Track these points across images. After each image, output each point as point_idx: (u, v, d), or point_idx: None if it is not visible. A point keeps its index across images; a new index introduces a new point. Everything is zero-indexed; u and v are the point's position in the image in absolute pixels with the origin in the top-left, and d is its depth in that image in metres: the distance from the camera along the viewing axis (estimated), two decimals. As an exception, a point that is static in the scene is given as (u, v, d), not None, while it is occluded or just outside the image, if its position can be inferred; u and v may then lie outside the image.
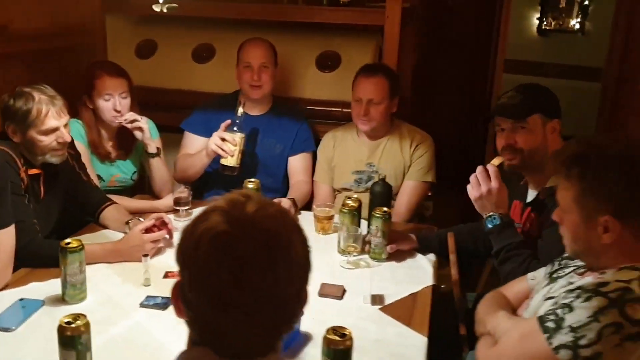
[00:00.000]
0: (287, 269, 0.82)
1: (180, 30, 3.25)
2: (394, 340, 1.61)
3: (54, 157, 2.06)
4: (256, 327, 0.83)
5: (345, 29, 3.04)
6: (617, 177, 1.22)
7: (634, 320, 1.12)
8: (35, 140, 1.99)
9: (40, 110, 1.97)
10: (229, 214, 0.84)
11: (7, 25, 2.47)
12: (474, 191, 1.85)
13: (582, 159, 1.26)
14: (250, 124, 2.71)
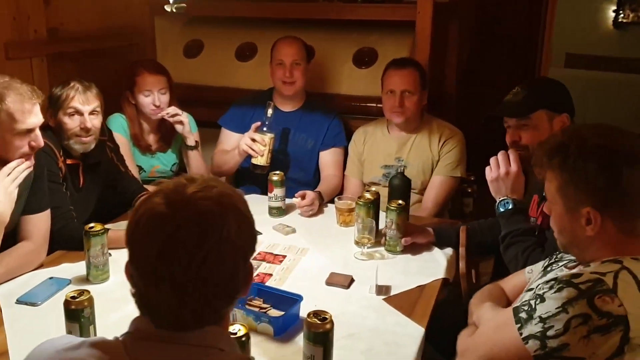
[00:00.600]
0: (218, 249, 0.87)
1: (225, 30, 3.39)
2: (391, 329, 1.63)
3: (77, 145, 2.21)
4: (186, 301, 0.88)
5: (382, 26, 3.06)
6: (595, 168, 1.19)
7: (602, 312, 1.09)
8: (62, 123, 2.17)
9: (69, 94, 2.17)
10: (169, 196, 0.90)
11: (59, 28, 2.67)
12: (492, 173, 1.85)
13: (563, 148, 1.24)
14: (283, 120, 2.79)
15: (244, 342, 1.30)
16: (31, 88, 1.79)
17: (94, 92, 2.23)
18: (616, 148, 1.20)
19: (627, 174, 1.18)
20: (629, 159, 1.19)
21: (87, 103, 2.20)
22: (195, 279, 0.86)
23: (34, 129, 1.80)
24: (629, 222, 1.21)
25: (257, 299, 1.70)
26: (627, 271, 1.15)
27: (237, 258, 0.90)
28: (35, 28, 2.52)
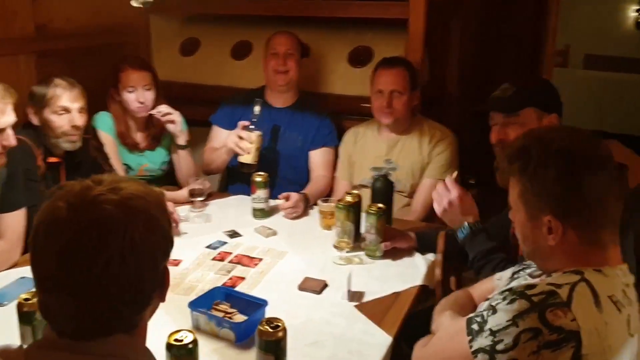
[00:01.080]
0: (121, 254, 0.83)
1: (221, 29, 3.36)
2: (358, 337, 1.58)
3: (66, 143, 2.20)
4: (87, 309, 0.84)
5: (379, 24, 3.00)
6: (555, 175, 1.13)
7: (553, 327, 1.02)
8: (50, 121, 2.16)
9: (56, 92, 2.16)
10: (71, 199, 0.86)
11: (47, 25, 2.66)
12: (438, 207, 1.84)
13: (524, 153, 1.17)
14: (274, 117, 2.75)
15: (192, 349, 1.25)
16: (4, 87, 1.77)
17: (80, 89, 2.22)
18: (578, 154, 1.13)
19: (589, 181, 1.11)
20: (592, 165, 1.12)
21: (76, 101, 2.19)
22: (97, 285, 0.82)
23: (5, 128, 1.79)
24: (593, 233, 1.14)
25: (224, 303, 1.66)
26: (585, 284, 1.08)
27: (144, 263, 0.86)
28: (22, 25, 2.51)
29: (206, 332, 1.58)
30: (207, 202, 2.54)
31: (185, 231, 2.25)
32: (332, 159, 2.75)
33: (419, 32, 2.62)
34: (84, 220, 0.83)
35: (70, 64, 2.80)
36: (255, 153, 2.48)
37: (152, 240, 0.87)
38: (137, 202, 0.87)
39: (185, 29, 3.45)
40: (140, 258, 0.85)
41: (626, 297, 1.11)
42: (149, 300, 0.89)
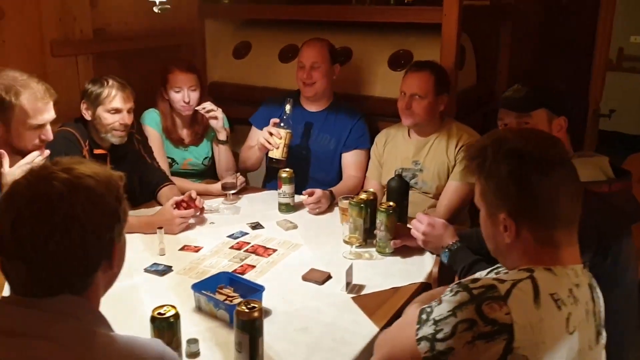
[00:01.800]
0: (64, 225, 0.95)
1: (271, 33, 3.51)
2: (345, 326, 1.64)
3: (114, 138, 2.39)
4: (35, 272, 0.96)
5: (420, 28, 3.04)
6: (506, 173, 1.15)
7: (488, 319, 1.05)
8: (102, 118, 2.36)
9: (110, 92, 2.35)
10: (31, 174, 1.00)
11: (105, 28, 2.90)
12: (418, 240, 1.97)
13: (482, 151, 1.20)
14: (307, 120, 2.86)
15: (172, 322, 1.37)
16: (45, 87, 1.95)
17: (130, 91, 2.42)
18: (529, 154, 1.15)
19: (539, 181, 1.13)
20: (541, 165, 1.14)
21: (127, 102, 2.39)
22: (43, 252, 0.94)
23: (45, 124, 1.96)
24: (545, 232, 1.16)
25: (228, 287, 1.78)
26: (530, 281, 1.10)
27: (86, 234, 0.97)
28: (81, 28, 2.75)
29: (206, 312, 1.70)
30: (240, 196, 2.68)
31: (212, 221, 2.40)
32: (363, 161, 2.82)
33: (452, 36, 2.64)
34: (34, 194, 0.96)
35: (125, 65, 3.04)
36: (284, 149, 2.59)
37: (94, 214, 0.98)
38: (84, 180, 0.99)
39: (238, 33, 3.62)
40: (82, 230, 0.96)
41: (571, 297, 1.12)
42: (95, 267, 1.01)
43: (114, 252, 1.04)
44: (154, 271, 1.97)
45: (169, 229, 2.24)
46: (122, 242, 1.08)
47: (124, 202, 1.06)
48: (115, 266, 1.06)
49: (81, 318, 0.98)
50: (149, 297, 1.79)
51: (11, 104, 1.85)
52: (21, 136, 1.92)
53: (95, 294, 1.04)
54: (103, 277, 1.04)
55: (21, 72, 1.90)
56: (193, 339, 1.52)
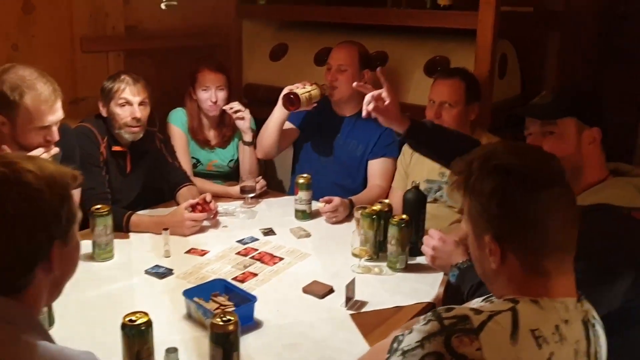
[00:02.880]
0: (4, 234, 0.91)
1: (308, 35, 3.45)
2: (336, 345, 1.55)
3: (127, 134, 2.38)
4: None
5: (458, 34, 2.90)
6: (490, 191, 1.03)
7: (457, 353, 0.93)
8: (114, 114, 2.35)
9: (120, 86, 2.34)
10: None
11: (137, 26, 2.91)
12: (427, 258, 1.82)
13: (468, 166, 1.08)
14: (337, 124, 2.77)
15: (143, 330, 1.31)
16: (52, 89, 1.93)
17: (142, 84, 2.39)
18: (517, 171, 1.02)
19: (524, 201, 1.01)
20: (528, 184, 1.01)
21: (137, 94, 2.36)
22: None
23: (50, 125, 1.96)
24: (533, 259, 1.03)
25: (222, 295, 1.71)
26: (510, 313, 0.98)
27: (17, 232, 0.92)
28: (113, 25, 2.76)
29: (195, 320, 1.64)
30: (260, 200, 2.62)
31: (226, 224, 2.35)
32: (390, 169, 2.70)
33: (487, 43, 2.49)
34: None
35: (157, 63, 3.04)
36: (307, 94, 2.53)
37: (27, 211, 0.93)
38: (22, 175, 0.93)
39: (276, 35, 3.58)
40: (11, 227, 0.91)
41: (556, 334, 0.98)
42: (28, 269, 0.95)
43: (52, 254, 0.97)
44: (154, 273, 1.92)
45: (179, 231, 2.21)
46: (70, 245, 1.02)
47: (70, 202, 1.00)
48: (57, 269, 0.99)
49: (11, 322, 0.92)
50: (142, 300, 1.75)
51: (16, 103, 1.86)
52: (26, 135, 1.92)
53: (34, 298, 0.98)
54: (44, 280, 0.98)
55: (32, 70, 1.90)
56: (172, 348, 1.46)
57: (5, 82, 1.86)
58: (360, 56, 2.67)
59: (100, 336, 1.52)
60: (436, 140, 2.00)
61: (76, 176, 1.03)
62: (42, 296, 1.01)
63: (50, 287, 1.02)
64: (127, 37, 2.85)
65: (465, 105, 2.35)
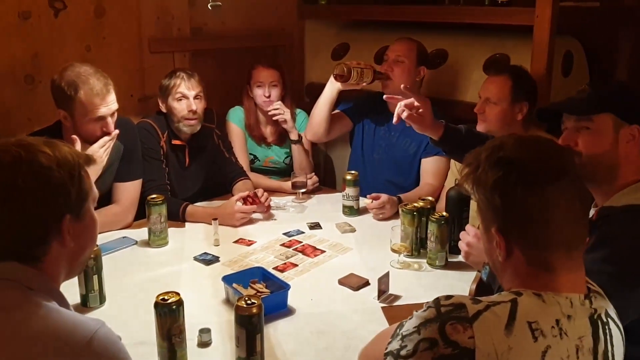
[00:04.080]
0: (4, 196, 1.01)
1: (370, 34, 3.48)
2: (364, 335, 1.55)
3: (185, 127, 2.51)
4: None
5: (519, 31, 2.84)
6: (492, 183, 1.03)
7: (449, 340, 0.94)
8: (172, 108, 2.49)
9: (176, 82, 2.48)
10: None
11: (202, 27, 3.05)
12: (462, 253, 1.81)
13: (476, 157, 1.08)
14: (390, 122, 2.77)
15: (174, 309, 1.40)
16: (104, 83, 2.08)
17: (196, 79, 2.52)
18: (522, 163, 1.02)
19: (526, 195, 1.00)
20: (530, 177, 1.00)
21: (192, 88, 2.50)
22: None
23: (104, 117, 2.11)
24: (538, 254, 1.02)
25: (260, 282, 1.78)
26: (509, 304, 0.98)
27: (25, 204, 1.01)
28: (179, 27, 2.92)
29: (232, 304, 1.71)
30: (311, 195, 2.68)
31: (275, 217, 2.43)
32: (443, 168, 2.69)
33: (544, 39, 2.42)
34: None
35: (221, 63, 3.18)
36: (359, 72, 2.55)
37: (35, 186, 1.02)
38: (35, 155, 1.03)
39: (338, 35, 3.63)
40: (22, 200, 1.01)
41: (557, 328, 0.97)
42: (41, 240, 1.04)
43: (63, 227, 1.05)
44: (201, 260, 2.03)
45: (229, 222, 2.31)
46: (84, 221, 1.10)
47: (82, 180, 1.08)
48: (71, 243, 1.07)
49: (32, 288, 1.02)
50: (187, 284, 1.85)
51: (71, 98, 2.03)
52: (84, 127, 2.09)
53: (53, 268, 1.07)
54: (61, 252, 1.07)
55: (88, 67, 2.07)
56: (206, 328, 1.55)
57: (64, 79, 2.03)
58: (418, 51, 2.69)
59: (143, 315, 1.62)
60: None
61: (90, 159, 1.13)
62: (61, 268, 1.09)
63: (69, 260, 1.10)
64: (192, 38, 2.99)
65: (511, 103, 2.30)
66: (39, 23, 2.45)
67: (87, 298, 1.70)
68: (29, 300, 1.00)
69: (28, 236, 1.04)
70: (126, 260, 2.04)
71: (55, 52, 2.49)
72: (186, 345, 1.45)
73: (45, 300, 1.01)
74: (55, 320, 0.98)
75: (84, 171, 1.10)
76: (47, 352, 0.94)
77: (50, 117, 2.17)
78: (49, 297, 1.03)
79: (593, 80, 1.62)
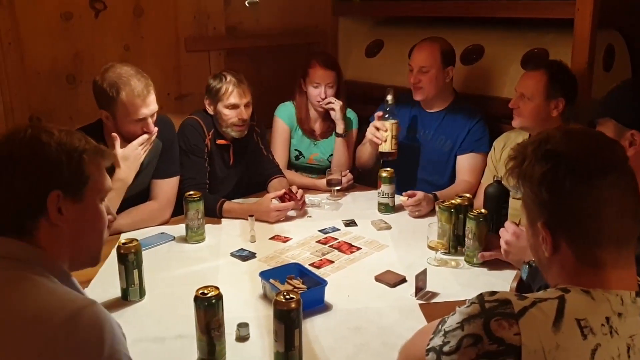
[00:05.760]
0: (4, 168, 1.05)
1: (404, 31, 3.45)
2: (401, 332, 1.54)
3: (234, 132, 2.52)
4: None
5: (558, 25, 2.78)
6: (539, 176, 1.00)
7: (494, 336, 0.93)
8: (221, 114, 2.49)
9: (228, 88, 2.47)
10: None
11: (237, 27, 3.07)
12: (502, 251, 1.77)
13: (522, 150, 1.06)
14: (424, 120, 2.77)
15: (214, 303, 1.41)
16: (145, 84, 2.11)
17: (246, 85, 2.51)
18: (570, 156, 0.99)
19: (574, 188, 0.97)
20: (580, 170, 0.97)
21: (244, 97, 2.49)
22: None
23: (145, 118, 2.14)
24: (587, 249, 0.99)
25: (297, 278, 1.79)
26: (557, 301, 0.96)
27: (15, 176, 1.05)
28: (214, 26, 2.95)
29: (269, 299, 1.72)
30: (346, 193, 2.68)
31: (311, 215, 2.43)
32: (479, 165, 2.65)
33: (585, 33, 2.37)
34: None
35: (256, 61, 3.20)
36: (392, 141, 2.53)
37: (28, 157, 1.06)
38: (39, 134, 1.08)
39: (372, 32, 3.62)
40: (13, 172, 1.05)
41: (607, 326, 0.94)
42: (30, 214, 1.06)
43: (49, 202, 1.06)
44: (238, 256, 2.04)
45: (265, 219, 2.32)
46: (81, 204, 1.11)
47: (81, 163, 1.10)
48: (64, 224, 1.08)
49: (21, 259, 1.04)
50: (224, 280, 1.87)
51: (113, 99, 2.06)
52: (125, 127, 2.13)
53: (51, 246, 1.08)
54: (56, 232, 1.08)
55: (129, 68, 2.09)
56: (244, 322, 1.56)
57: (105, 80, 2.06)
58: (442, 54, 2.64)
59: (182, 309, 1.63)
60: None
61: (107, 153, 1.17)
62: (61, 249, 1.10)
63: (70, 244, 1.11)
64: (227, 37, 3.02)
65: (546, 99, 2.26)
66: (80, 23, 2.51)
67: (127, 292, 1.73)
68: (18, 275, 1.01)
69: (16, 206, 1.06)
70: (164, 256, 2.07)
71: (96, 52, 2.55)
72: (225, 339, 1.46)
73: (40, 274, 1.03)
74: (39, 295, 0.98)
75: (89, 157, 1.12)
76: (26, 326, 0.93)
77: (92, 116, 2.22)
78: (47, 273, 1.04)
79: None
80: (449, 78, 2.66)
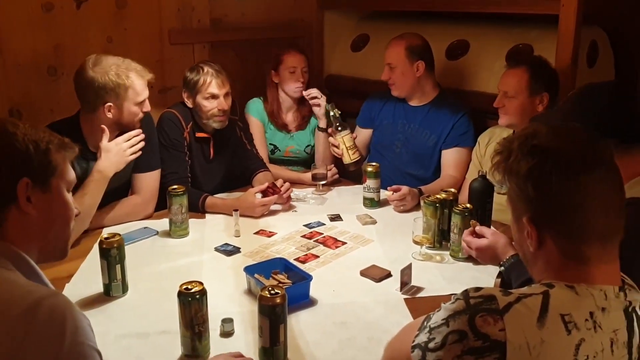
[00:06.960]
0: None
1: (390, 25, 3.43)
2: (386, 327, 1.56)
3: (215, 123, 2.50)
4: None
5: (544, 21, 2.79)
6: (525, 172, 1.00)
7: (479, 333, 0.93)
8: (201, 105, 2.47)
9: (206, 80, 2.45)
10: None
11: (222, 19, 3.04)
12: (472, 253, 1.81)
13: (508, 145, 1.06)
14: (409, 114, 2.77)
15: (198, 298, 1.40)
16: (142, 67, 2.12)
17: (224, 75, 2.49)
18: (556, 152, 0.99)
19: (560, 183, 0.97)
20: (565, 166, 0.97)
21: (222, 87, 2.47)
22: None
23: (145, 99, 2.16)
24: (572, 245, 0.99)
25: (282, 273, 1.78)
26: (541, 297, 0.96)
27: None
28: (199, 18, 2.91)
29: (254, 294, 1.71)
30: (332, 187, 2.67)
31: (296, 209, 2.42)
32: (464, 160, 2.66)
33: (569, 30, 2.38)
34: None
35: (240, 55, 3.17)
36: (348, 152, 2.56)
37: (2, 152, 1.05)
38: (7, 126, 1.07)
39: (357, 26, 3.60)
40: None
41: (590, 321, 0.95)
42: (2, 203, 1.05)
43: (19, 190, 1.06)
44: (222, 251, 2.03)
45: (250, 213, 2.31)
46: (50, 194, 1.11)
47: (49, 154, 1.10)
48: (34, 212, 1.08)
49: None
50: (208, 274, 1.85)
51: (125, 86, 2.06)
52: (131, 112, 2.13)
53: (17, 236, 1.07)
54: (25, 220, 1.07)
55: (114, 56, 2.07)
56: (228, 318, 1.55)
57: (106, 72, 2.03)
58: (407, 50, 2.64)
59: (166, 304, 1.61)
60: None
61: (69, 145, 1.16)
62: (29, 238, 1.09)
63: (38, 233, 1.10)
64: (212, 30, 2.99)
65: (529, 96, 2.27)
66: (61, 15, 2.46)
67: (110, 287, 1.71)
68: None
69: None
70: (148, 251, 2.05)
71: (77, 44, 2.50)
72: (209, 335, 1.45)
73: (3, 267, 1.01)
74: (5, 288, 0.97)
75: (55, 148, 1.11)
76: None
77: (73, 109, 2.18)
78: (11, 266, 1.03)
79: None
80: (419, 73, 2.65)
